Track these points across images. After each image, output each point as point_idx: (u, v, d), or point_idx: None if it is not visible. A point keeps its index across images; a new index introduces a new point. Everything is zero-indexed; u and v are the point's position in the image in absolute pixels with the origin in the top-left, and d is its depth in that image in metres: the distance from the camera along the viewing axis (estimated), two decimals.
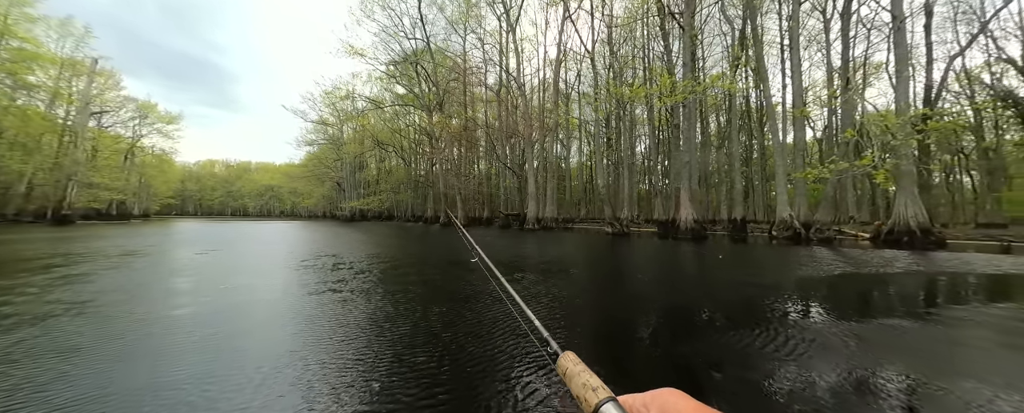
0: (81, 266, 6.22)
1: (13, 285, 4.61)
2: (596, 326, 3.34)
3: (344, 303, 3.95)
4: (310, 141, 48.69)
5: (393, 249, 10.37)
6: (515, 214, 26.26)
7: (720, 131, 30.32)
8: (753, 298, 4.20)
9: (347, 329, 3.08)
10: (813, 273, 6.00)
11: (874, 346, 2.74)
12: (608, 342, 2.91)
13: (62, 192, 27.94)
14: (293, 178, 65.57)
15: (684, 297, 4.41)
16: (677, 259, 8.61)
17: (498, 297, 4.19)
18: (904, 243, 11.94)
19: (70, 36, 29.12)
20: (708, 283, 5.39)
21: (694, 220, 14.92)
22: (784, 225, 14.59)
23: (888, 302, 4.26)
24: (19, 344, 2.67)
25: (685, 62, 15.14)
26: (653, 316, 3.59)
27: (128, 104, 37.27)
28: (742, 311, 3.71)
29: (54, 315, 3.38)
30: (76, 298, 4.01)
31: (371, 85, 38.01)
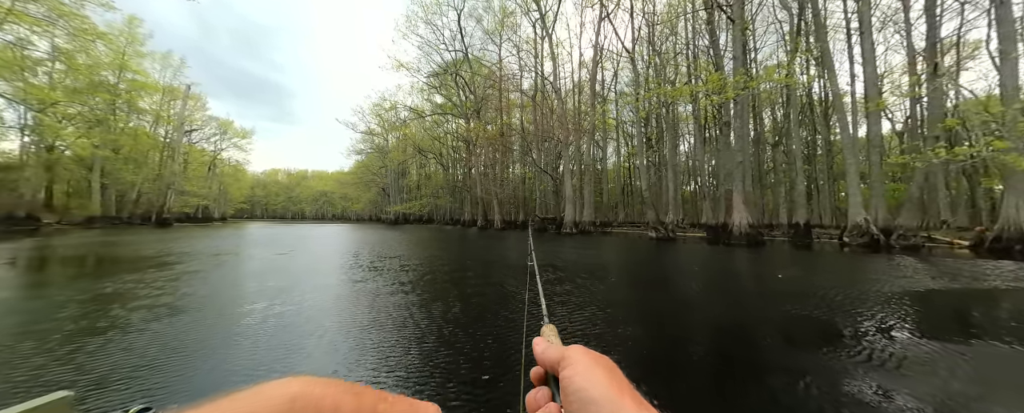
0: (192, 264, 7.35)
1: (151, 278, 5.60)
2: (649, 344, 3.10)
3: (422, 306, 4.29)
4: (359, 150, 52.54)
5: (447, 252, 10.91)
6: (550, 218, 26.16)
7: (777, 127, 27.84)
8: (832, 316, 3.85)
9: (432, 329, 3.37)
10: (898, 287, 5.35)
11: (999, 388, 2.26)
12: (665, 365, 2.62)
13: (163, 199, 32.86)
14: (343, 184, 70.94)
15: (745, 312, 4.15)
16: (732, 267, 8.09)
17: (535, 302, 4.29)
18: (1016, 252, 10.12)
19: (169, 67, 34.37)
20: (771, 295, 5.02)
21: (749, 224, 13.87)
22: (858, 230, 13.04)
23: (1006, 325, 3.71)
24: (186, 326, 3.28)
25: (735, 55, 14.21)
26: (712, 335, 3.36)
27: (211, 122, 43.01)
28: (820, 333, 3.34)
29: (185, 309, 4.08)
30: (200, 292, 4.79)
31: (413, 96, 40.21)
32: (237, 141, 47.26)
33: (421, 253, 10.31)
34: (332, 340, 2.91)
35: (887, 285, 5.43)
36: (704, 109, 25.48)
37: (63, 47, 21.12)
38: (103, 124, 27.42)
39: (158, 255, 8.61)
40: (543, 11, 25.57)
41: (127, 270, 6.37)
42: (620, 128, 37.60)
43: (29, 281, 5.60)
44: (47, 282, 5.50)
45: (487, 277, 6.16)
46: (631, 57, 19.40)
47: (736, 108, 14.25)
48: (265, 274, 6.32)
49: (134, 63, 28.53)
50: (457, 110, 31.97)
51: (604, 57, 27.38)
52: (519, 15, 28.32)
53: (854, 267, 7.84)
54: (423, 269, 7.02)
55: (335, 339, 2.95)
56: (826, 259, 9.49)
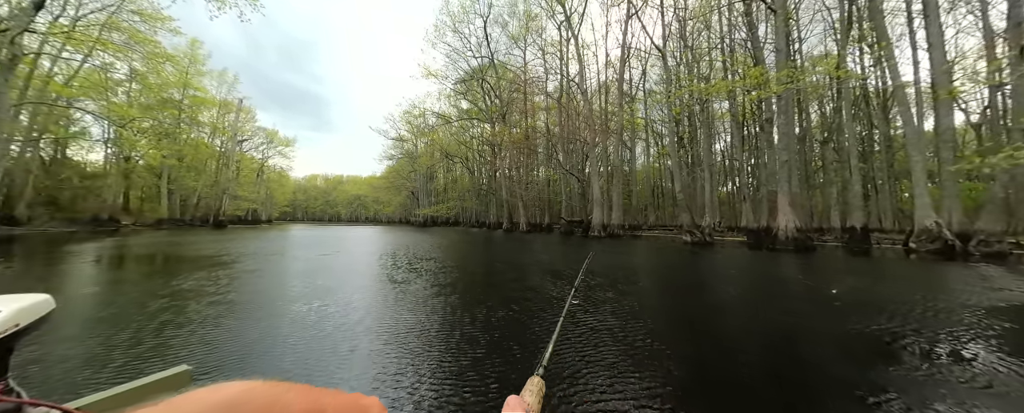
0: (249, 263, 8.00)
1: (216, 276, 6.16)
2: (693, 360, 2.76)
3: (460, 310, 4.38)
4: (390, 156, 54.77)
5: (479, 254, 11.08)
6: (577, 220, 25.75)
7: (825, 122, 25.71)
8: (911, 332, 3.38)
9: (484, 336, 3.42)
10: (994, 300, 4.63)
11: None
12: (715, 385, 2.33)
13: (219, 203, 36.06)
14: (375, 188, 74.21)
15: (801, 325, 3.78)
16: (780, 273, 7.51)
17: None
18: None
19: (224, 83, 37.81)
20: (830, 305, 4.55)
21: (796, 228, 12.86)
22: (928, 235, 11.69)
23: None
24: (250, 321, 3.57)
25: (778, 48, 13.30)
26: (763, 352, 3.00)
27: (260, 133, 46.68)
28: (896, 354, 2.87)
29: (247, 305, 4.42)
30: (260, 289, 5.19)
31: (441, 102, 41.38)
32: (281, 149, 50.96)
33: (454, 255, 10.52)
34: (374, 346, 3.02)
35: (977, 297, 4.78)
36: (742, 105, 24.07)
37: (138, 69, 23.87)
38: (170, 136, 30.63)
39: (219, 254, 9.42)
40: (568, 12, 25.44)
41: (196, 268, 7.04)
42: (649, 128, 36.42)
43: (116, 277, 6.32)
44: (130, 279, 6.19)
45: (524, 280, 6.16)
46: (662, 54, 18.74)
47: (780, 103, 13.31)
48: (314, 274, 6.72)
49: (195, 81, 31.68)
50: (483, 115, 32.50)
51: (631, 55, 26.71)
52: (544, 18, 28.38)
53: (929, 277, 7.02)
54: (458, 271, 7.16)
55: (376, 344, 3.06)
56: (891, 267, 8.58)
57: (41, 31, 16.43)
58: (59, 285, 5.39)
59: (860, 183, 16.01)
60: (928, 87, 16.33)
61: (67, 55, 19.66)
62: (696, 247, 14.34)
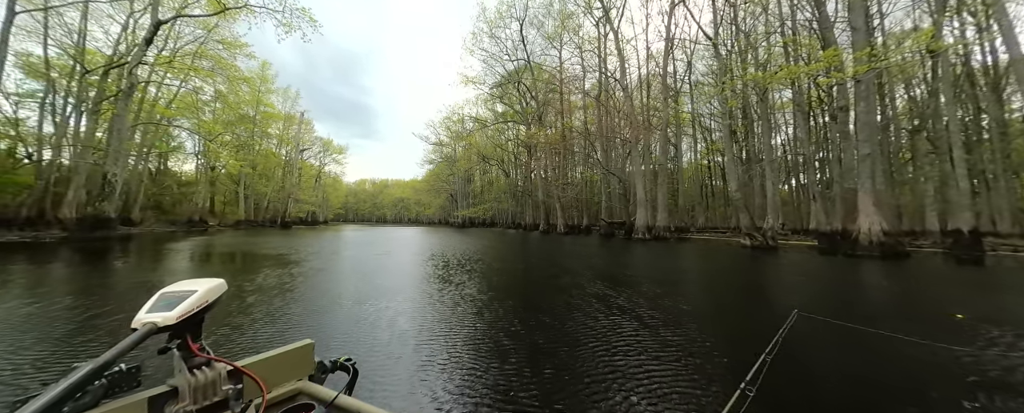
0: (317, 262, 8.80)
1: (292, 273, 6.80)
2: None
3: (516, 316, 4.38)
4: (430, 160, 57.12)
5: (523, 255, 11.10)
6: (618, 222, 24.74)
7: (916, 107, 22.13)
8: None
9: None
10: None
11: None
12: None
13: (285, 206, 40.05)
14: (417, 191, 77.88)
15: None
16: (884, 286, 6.27)
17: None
18: None
19: (288, 99, 42.03)
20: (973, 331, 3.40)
21: (883, 231, 11.18)
22: None
23: None
24: (326, 319, 3.87)
25: (855, 25, 11.69)
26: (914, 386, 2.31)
27: (317, 142, 51.08)
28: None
29: (323, 304, 4.80)
30: (331, 289, 5.61)
31: (478, 107, 42.28)
32: (335, 156, 55.42)
33: (498, 256, 10.63)
34: (449, 355, 3.02)
35: None
36: (808, 93, 21.54)
37: (221, 91, 27.31)
38: (246, 148, 34.65)
39: (290, 254, 10.40)
40: (606, 6, 24.62)
41: (275, 265, 7.90)
42: (697, 122, 34.02)
43: (209, 272, 7.22)
44: (222, 273, 7.02)
45: (582, 287, 6.00)
46: (713, 42, 17.39)
47: (859, 88, 11.66)
48: (374, 274, 7.17)
49: (265, 98, 35.58)
50: (519, 117, 32.56)
51: (674, 47, 25.14)
52: (580, 16, 27.75)
53: None
54: (507, 273, 7.19)
55: (450, 353, 3.07)
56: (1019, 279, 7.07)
57: (149, 63, 19.44)
58: (166, 280, 6.26)
59: (967, 178, 13.56)
60: None
61: (168, 82, 23.08)
62: (757, 252, 13.05)
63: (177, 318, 0.72)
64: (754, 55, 19.82)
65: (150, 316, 0.71)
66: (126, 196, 21.61)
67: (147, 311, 0.72)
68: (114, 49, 17.96)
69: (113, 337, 3.16)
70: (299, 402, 0.87)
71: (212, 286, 0.81)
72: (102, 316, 3.85)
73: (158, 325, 0.70)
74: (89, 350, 2.92)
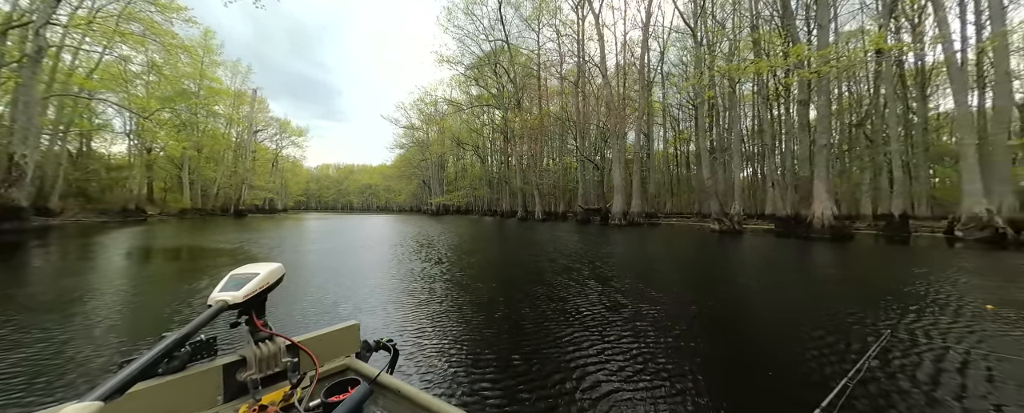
0: (283, 258, 8.00)
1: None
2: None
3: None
4: (401, 144, 54.61)
5: (518, 247, 10.98)
6: (594, 209, 25.40)
7: (854, 103, 24.47)
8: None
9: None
10: None
11: None
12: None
13: (238, 193, 36.67)
14: (387, 177, 74.64)
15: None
16: (862, 271, 6.67)
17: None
18: None
19: (238, 74, 37.78)
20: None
21: (833, 215, 12.39)
22: (977, 222, 11.12)
23: None
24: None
25: (821, 23, 12.47)
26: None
27: (273, 123, 46.85)
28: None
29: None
30: (317, 300, 5.13)
31: (453, 90, 40.73)
32: (294, 139, 51.27)
33: (497, 249, 10.45)
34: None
35: None
36: (769, 87, 22.94)
37: (156, 61, 23.90)
38: (188, 127, 30.93)
39: (246, 248, 9.46)
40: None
41: (231, 263, 7.07)
42: (666, 112, 35.28)
43: (148, 275, 6.37)
44: (153, 275, 6.22)
45: (581, 279, 6.01)
46: (692, 32, 17.83)
47: (820, 84, 12.58)
48: (354, 275, 6.67)
49: (210, 72, 31.67)
50: (495, 101, 31.76)
51: (650, 36, 25.56)
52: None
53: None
54: (522, 265, 7.04)
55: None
56: (958, 258, 8.13)
57: (63, 23, 16.40)
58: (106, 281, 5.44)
59: (900, 168, 15.25)
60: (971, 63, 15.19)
61: (87, 47, 19.71)
62: (726, 236, 13.99)
63: (244, 297, 0.81)
64: (726, 47, 20.62)
65: (222, 294, 0.80)
66: (41, 182, 18.59)
67: (219, 290, 0.82)
68: (13, 5, 14.92)
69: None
70: (346, 377, 0.92)
71: (273, 269, 0.91)
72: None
73: (229, 302, 0.79)
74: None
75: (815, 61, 11.31)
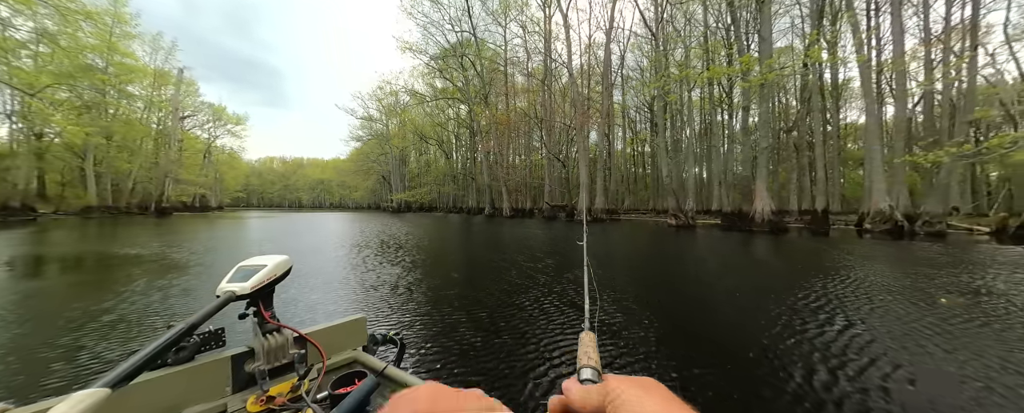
0: (210, 271, 6.96)
1: (169, 298, 5.26)
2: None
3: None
4: (358, 137, 51.32)
5: (493, 245, 10.64)
6: (561, 205, 25.94)
7: (784, 112, 27.61)
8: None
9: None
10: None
11: None
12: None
13: (161, 188, 31.93)
14: (342, 172, 69.85)
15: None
16: (815, 258, 7.22)
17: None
18: None
19: (160, 50, 32.71)
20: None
21: (772, 211, 13.78)
22: (882, 217, 13.03)
23: None
24: None
25: (763, 36, 13.75)
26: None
27: (205, 108, 41.41)
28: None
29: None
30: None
31: (416, 80, 39.02)
32: (231, 127, 45.82)
33: (468, 246, 10.05)
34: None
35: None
36: (716, 94, 25.01)
37: (47, 27, 19.84)
38: (93, 110, 26.20)
39: (163, 255, 8.13)
40: None
41: (150, 274, 6.02)
42: (625, 114, 37.04)
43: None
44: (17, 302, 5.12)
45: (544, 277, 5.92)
46: (654, 37, 18.74)
47: (763, 92, 13.90)
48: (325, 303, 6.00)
49: (122, 45, 27.01)
50: (462, 94, 30.95)
51: (612, 40, 26.55)
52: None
53: (938, 256, 7.74)
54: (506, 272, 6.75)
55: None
56: (881, 248, 9.36)
57: None
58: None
59: (823, 169, 17.37)
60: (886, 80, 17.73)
61: None
62: (682, 230, 14.97)
63: (252, 288, 0.82)
64: (679, 55, 22.02)
65: (230, 285, 0.80)
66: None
67: (227, 281, 0.82)
68: None
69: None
70: (354, 370, 0.94)
71: (280, 261, 0.90)
72: None
73: (236, 293, 0.79)
74: None
75: (760, 70, 12.43)
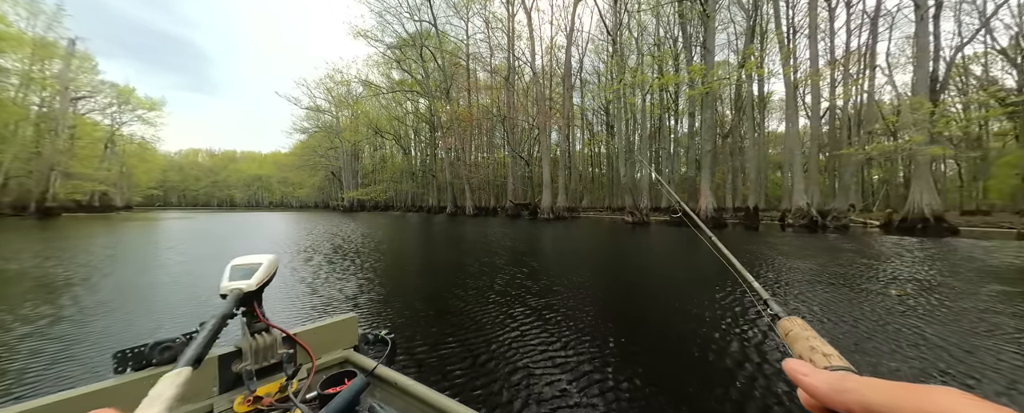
0: (94, 304, 5.82)
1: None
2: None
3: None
4: (303, 129, 46.96)
5: (488, 242, 10.21)
6: (524, 203, 26.17)
7: (721, 120, 30.78)
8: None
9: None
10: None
11: None
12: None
13: (45, 183, 26.24)
14: (284, 167, 63.47)
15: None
16: (768, 250, 8.18)
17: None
18: (918, 230, 12.50)
19: (40, 15, 26.71)
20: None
21: (714, 208, 15.19)
22: (801, 213, 15.02)
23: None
24: None
25: (709, 48, 15.08)
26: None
27: (106, 89, 34.86)
28: None
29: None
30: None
31: (370, 70, 36.63)
32: (143, 113, 39.16)
33: (445, 250, 9.55)
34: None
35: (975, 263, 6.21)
36: (665, 101, 27.00)
37: None
38: None
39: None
40: None
41: None
42: (583, 116, 38.49)
43: None
44: None
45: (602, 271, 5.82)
46: (614, 41, 19.60)
47: (707, 99, 15.25)
48: None
49: None
50: (420, 87, 29.67)
51: (573, 43, 27.37)
52: None
53: (865, 248, 8.94)
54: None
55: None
56: (811, 241, 10.69)
57: None
58: None
59: (755, 171, 19.50)
60: (797, 95, 20.45)
61: None
62: (638, 227, 15.89)
63: (257, 285, 0.82)
64: (633, 61, 23.34)
65: (235, 283, 0.81)
66: None
67: (229, 280, 0.82)
68: None
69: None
70: (344, 369, 0.92)
71: (272, 259, 0.88)
72: None
73: (244, 290, 0.80)
74: None
75: (707, 79, 13.62)
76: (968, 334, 2.89)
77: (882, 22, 23.52)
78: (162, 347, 0.76)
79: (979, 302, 3.77)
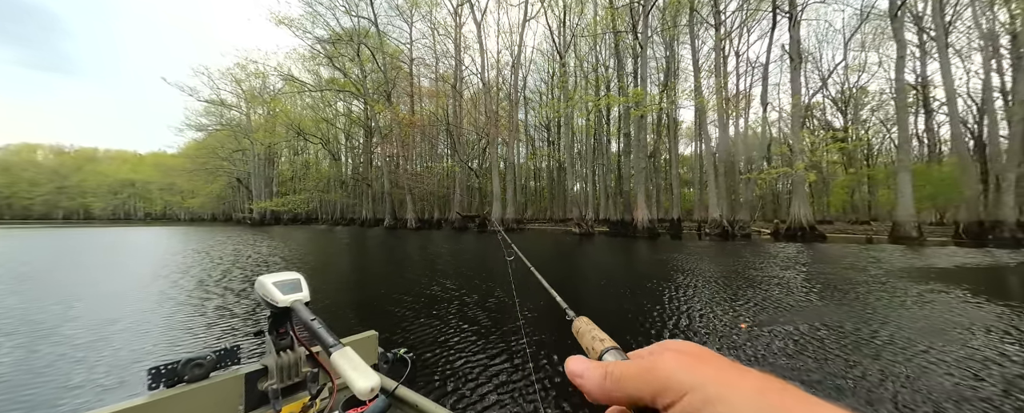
0: None
1: None
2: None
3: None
4: (200, 125, 39.28)
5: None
6: (472, 215, 25.51)
7: (647, 141, 34.70)
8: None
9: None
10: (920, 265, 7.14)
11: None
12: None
13: None
14: (170, 171, 52.06)
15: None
16: (719, 260, 9.28)
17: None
18: (798, 237, 15.42)
19: None
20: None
21: (649, 220, 16.65)
22: (715, 223, 17.38)
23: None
24: None
25: (643, 76, 16.82)
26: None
27: None
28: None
29: None
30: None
31: (294, 64, 32.52)
32: None
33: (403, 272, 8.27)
34: None
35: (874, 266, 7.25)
36: (601, 120, 29.40)
37: None
38: None
39: None
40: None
41: None
42: (526, 131, 39.78)
43: None
44: None
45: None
46: (562, 60, 20.59)
47: (640, 122, 16.90)
48: None
49: None
50: (358, 88, 27.28)
51: (520, 63, 28.29)
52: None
53: (782, 253, 10.26)
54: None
55: None
56: (750, 248, 12.13)
57: None
58: None
59: (678, 187, 22.04)
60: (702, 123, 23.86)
61: None
62: (585, 238, 16.54)
63: (309, 296, 0.85)
64: (577, 83, 24.95)
65: (292, 296, 0.83)
66: None
67: (284, 294, 0.83)
68: None
69: None
70: None
71: (302, 276, 0.92)
72: None
73: (303, 301, 0.82)
74: None
75: (643, 103, 15.07)
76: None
77: (760, 71, 29.20)
78: (194, 364, 0.77)
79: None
